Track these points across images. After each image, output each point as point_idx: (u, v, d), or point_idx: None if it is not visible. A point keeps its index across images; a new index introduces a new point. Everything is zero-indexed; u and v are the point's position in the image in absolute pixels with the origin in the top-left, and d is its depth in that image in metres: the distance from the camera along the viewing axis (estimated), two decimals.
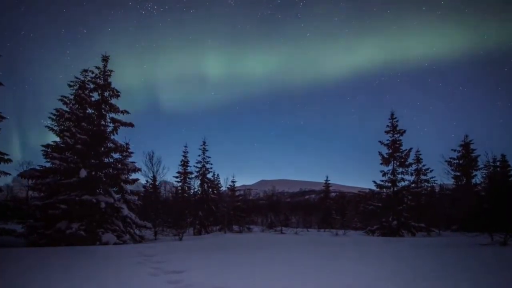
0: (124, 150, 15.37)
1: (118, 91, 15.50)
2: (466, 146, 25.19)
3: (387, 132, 22.61)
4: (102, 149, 14.87)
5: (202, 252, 9.13)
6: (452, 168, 25.06)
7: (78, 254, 8.63)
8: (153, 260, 7.17)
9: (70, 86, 14.93)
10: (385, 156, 22.50)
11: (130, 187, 16.05)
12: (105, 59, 15.44)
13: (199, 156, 26.56)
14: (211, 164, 26.78)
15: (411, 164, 22.74)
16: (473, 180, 24.75)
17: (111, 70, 15.51)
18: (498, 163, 25.01)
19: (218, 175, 29.93)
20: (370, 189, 24.10)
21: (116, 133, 15.29)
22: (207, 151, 26.68)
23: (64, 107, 14.61)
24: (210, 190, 27.08)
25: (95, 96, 15.29)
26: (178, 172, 26.42)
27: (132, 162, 15.51)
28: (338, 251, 9.37)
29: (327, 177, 39.06)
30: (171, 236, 17.36)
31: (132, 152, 15.79)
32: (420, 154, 24.86)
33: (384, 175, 22.43)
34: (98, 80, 15.23)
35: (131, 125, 15.54)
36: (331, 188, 40.83)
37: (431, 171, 24.50)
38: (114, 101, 15.54)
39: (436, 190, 27.37)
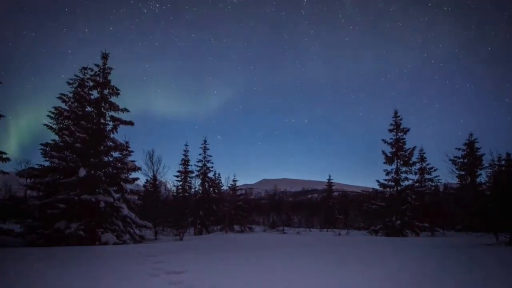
0: (124, 148, 15.17)
1: (117, 89, 15.30)
2: (471, 145, 24.81)
3: (390, 130, 22.34)
4: (102, 147, 14.67)
5: (203, 252, 9.01)
6: (457, 167, 24.67)
7: (77, 254, 8.52)
8: (153, 260, 7.04)
9: (69, 84, 14.75)
10: (388, 155, 22.22)
11: (130, 186, 15.86)
12: (104, 57, 15.22)
13: (200, 155, 26.40)
14: (212, 163, 26.61)
15: (415, 163, 22.48)
16: (477, 179, 24.37)
17: (111, 68, 15.30)
18: (504, 162, 24.63)
19: (219, 174, 29.82)
20: (373, 188, 23.79)
21: (116, 131, 15.09)
22: (208, 149, 26.50)
23: (63, 105, 14.43)
24: (211, 189, 26.87)
25: (95, 94, 15.09)
26: (179, 171, 26.21)
27: (132, 161, 15.31)
28: (343, 252, 9.17)
29: (330, 176, 38.43)
30: (171, 236, 17.21)
31: (132, 151, 15.61)
32: (424, 153, 24.65)
33: (387, 174, 22.17)
34: (98, 78, 15.01)
35: (131, 123, 15.31)
36: (333, 188, 40.35)
37: (435, 170, 24.29)
38: (114, 99, 15.34)
39: (440, 190, 27.02)
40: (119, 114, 15.29)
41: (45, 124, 13.98)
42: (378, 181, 22.34)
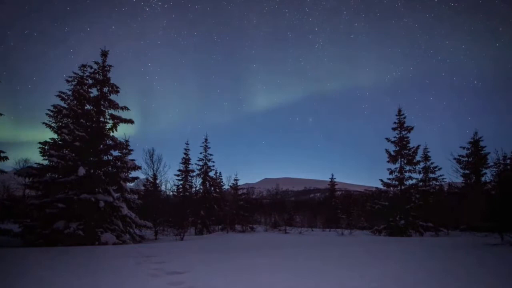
0: (123, 147, 14.99)
1: (117, 87, 15.11)
2: (476, 143, 24.47)
3: (394, 129, 22.06)
4: (101, 146, 14.49)
5: (204, 253, 8.95)
6: (461, 166, 24.36)
7: (76, 254, 8.48)
8: (153, 260, 7.01)
9: (68, 81, 14.52)
10: (392, 153, 21.94)
11: (130, 185, 15.67)
12: (104, 54, 15.02)
13: (201, 153, 26.09)
14: (213, 162, 26.30)
15: (419, 162, 22.20)
16: (482, 179, 24.05)
17: (110, 65, 15.11)
18: (509, 161, 24.22)
19: (220, 173, 29.45)
20: (376, 187, 23.49)
21: (116, 130, 14.91)
22: (209, 148, 26.23)
23: (62, 103, 14.22)
24: (212, 188, 26.56)
25: (94, 92, 14.91)
26: (179, 170, 25.90)
27: (132, 160, 15.13)
28: (346, 252, 8.99)
29: (333, 175, 37.99)
30: (172, 236, 17.03)
31: (132, 150, 15.42)
32: (428, 152, 24.28)
33: (391, 173, 21.89)
34: (97, 76, 14.82)
35: (131, 121, 15.12)
36: (336, 187, 39.98)
37: (440, 169, 23.95)
38: (113, 97, 15.16)
39: (445, 189, 26.65)
40: (119, 112, 15.12)
41: (43, 123, 13.76)
42: (381, 180, 22.08)
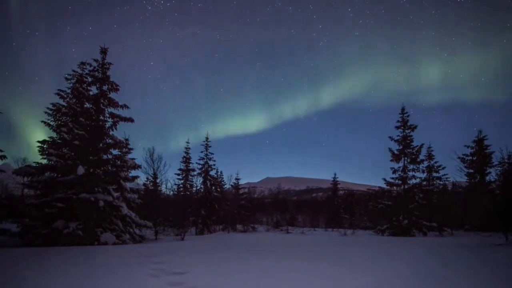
0: (123, 146, 14.79)
1: (117, 85, 14.89)
2: (480, 142, 24.12)
3: (397, 127, 21.80)
4: (101, 145, 14.28)
5: (205, 253, 8.81)
6: (465, 165, 24.00)
7: (75, 254, 8.39)
8: (153, 260, 6.89)
9: (67, 79, 14.34)
10: (395, 152, 21.70)
11: (129, 184, 15.47)
12: (103, 51, 14.81)
13: (202, 152, 25.89)
14: (214, 160, 26.08)
15: (422, 161, 21.96)
16: (487, 178, 23.70)
17: (110, 63, 14.87)
18: None
19: (221, 172, 29.22)
20: (380, 186, 23.32)
21: (115, 128, 14.70)
22: (210, 147, 26.01)
23: (61, 101, 14.03)
24: (213, 188, 26.35)
25: (93, 90, 14.70)
26: (180, 169, 25.68)
27: (132, 159, 14.95)
28: (349, 252, 8.79)
29: (335, 174, 37.72)
30: (172, 236, 16.86)
31: (131, 148, 15.24)
32: (432, 151, 24.08)
33: (394, 172, 21.64)
34: (96, 73, 14.60)
35: (130, 120, 14.91)
36: (339, 186, 39.67)
37: (444, 168, 23.72)
38: (113, 95, 14.94)
39: (449, 188, 26.36)
40: (119, 110, 14.91)
41: (42, 121, 13.59)
42: (384, 179, 21.85)
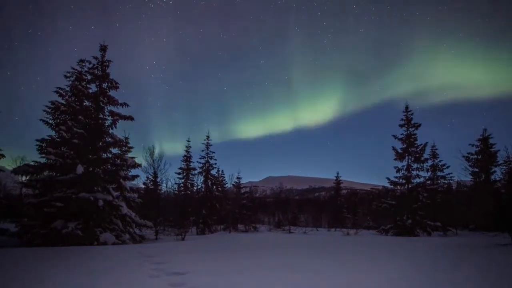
0: (123, 144, 14.63)
1: (117, 83, 14.71)
2: (485, 141, 23.77)
3: (401, 126, 21.47)
4: (100, 143, 14.11)
5: (205, 253, 8.70)
6: (470, 164, 23.67)
7: (74, 254, 8.32)
8: (153, 261, 6.78)
9: (66, 77, 14.17)
10: (399, 151, 21.38)
11: (129, 184, 15.29)
12: (103, 49, 14.64)
13: (203, 151, 25.65)
14: (215, 159, 25.82)
15: (426, 160, 21.61)
16: (492, 177, 23.35)
17: (110, 61, 14.69)
18: None
19: (222, 171, 28.97)
20: (383, 186, 22.91)
21: (115, 126, 14.52)
22: (211, 145, 25.77)
23: (60, 99, 13.85)
24: (214, 187, 26.11)
25: (93, 87, 14.54)
26: (180, 168, 25.49)
27: (132, 158, 14.77)
28: (352, 252, 8.56)
29: (338, 173, 37.08)
30: (173, 236, 16.69)
31: (131, 147, 15.04)
32: (436, 149, 23.69)
33: (398, 171, 21.33)
34: (96, 71, 14.43)
35: (130, 118, 14.72)
36: (342, 185, 39.10)
37: (448, 167, 23.32)
38: (113, 93, 14.77)
39: (453, 187, 26.03)
40: (119, 108, 14.74)
41: (41, 119, 13.40)
42: (388, 178, 21.51)
